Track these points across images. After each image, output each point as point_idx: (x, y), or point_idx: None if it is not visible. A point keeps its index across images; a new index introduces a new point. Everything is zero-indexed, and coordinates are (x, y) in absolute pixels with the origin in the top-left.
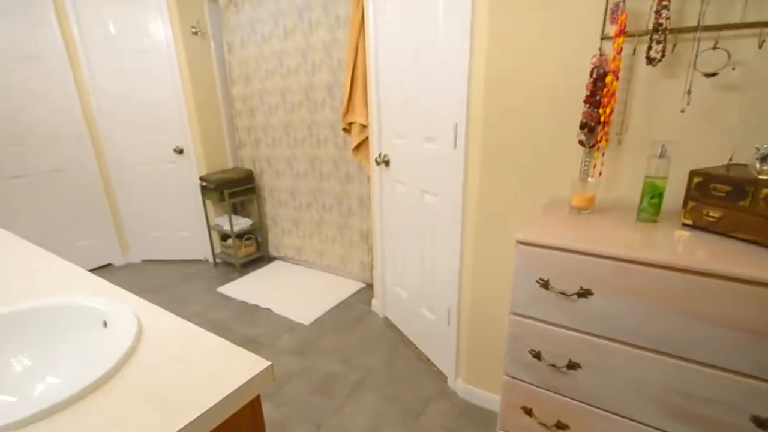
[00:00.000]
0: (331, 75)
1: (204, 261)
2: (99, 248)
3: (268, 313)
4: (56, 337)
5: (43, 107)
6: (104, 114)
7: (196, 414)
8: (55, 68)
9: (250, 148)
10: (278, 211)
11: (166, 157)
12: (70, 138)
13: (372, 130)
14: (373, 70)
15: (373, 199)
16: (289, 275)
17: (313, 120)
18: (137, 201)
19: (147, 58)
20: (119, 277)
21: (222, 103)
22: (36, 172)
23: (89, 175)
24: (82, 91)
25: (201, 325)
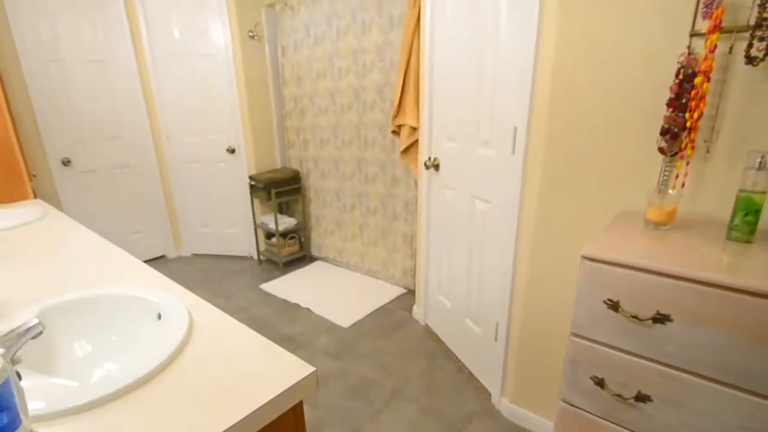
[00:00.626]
0: (381, 76)
1: (249, 258)
2: (155, 240)
3: (308, 313)
4: (114, 325)
5: (114, 107)
6: (165, 114)
7: (239, 416)
8: (125, 71)
9: (298, 148)
10: (322, 212)
11: (218, 156)
12: (135, 136)
13: (422, 132)
14: (427, 70)
15: (420, 204)
16: (329, 276)
17: (362, 122)
18: (190, 197)
19: (206, 61)
20: (172, 268)
21: (273, 104)
22: (105, 167)
23: (150, 171)
24: (147, 93)
25: (244, 320)
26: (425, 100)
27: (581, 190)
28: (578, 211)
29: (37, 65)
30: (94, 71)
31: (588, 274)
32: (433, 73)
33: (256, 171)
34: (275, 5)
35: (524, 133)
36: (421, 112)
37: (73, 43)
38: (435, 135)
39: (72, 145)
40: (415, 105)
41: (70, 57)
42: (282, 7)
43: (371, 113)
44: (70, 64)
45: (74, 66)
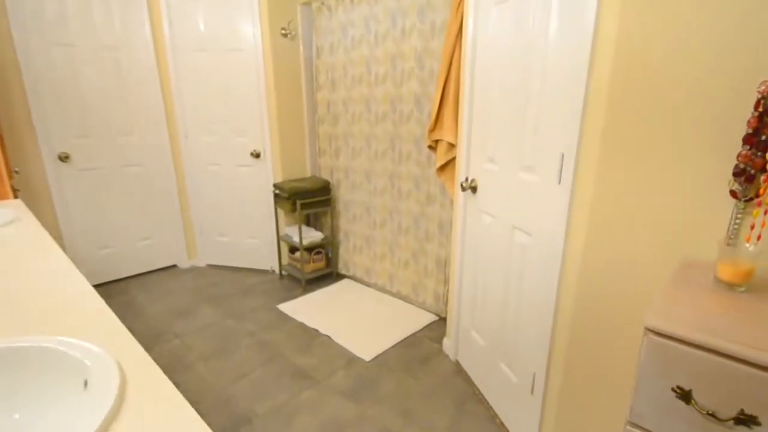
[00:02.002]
0: (420, 86)
1: (270, 272)
2: (165, 248)
3: (327, 341)
4: (22, 394)
5: (127, 100)
6: (185, 111)
7: None
8: (141, 61)
9: (329, 157)
10: (351, 227)
11: (241, 160)
12: (149, 133)
13: (460, 150)
14: (467, 83)
15: (455, 227)
16: (355, 298)
17: (397, 133)
18: (208, 203)
19: (233, 57)
20: (182, 281)
21: (306, 108)
22: (112, 165)
23: (164, 172)
24: (165, 86)
25: (252, 346)
26: (464, 115)
27: (636, 233)
28: (630, 255)
29: (36, 47)
30: (107, 59)
31: (652, 351)
32: (473, 85)
33: (282, 178)
34: (311, 3)
35: (572, 161)
36: (460, 128)
37: (84, 26)
38: (473, 154)
39: (72, 139)
40: (453, 119)
41: (80, 41)
42: (319, 6)
43: (407, 124)
44: (79, 48)
45: (84, 51)
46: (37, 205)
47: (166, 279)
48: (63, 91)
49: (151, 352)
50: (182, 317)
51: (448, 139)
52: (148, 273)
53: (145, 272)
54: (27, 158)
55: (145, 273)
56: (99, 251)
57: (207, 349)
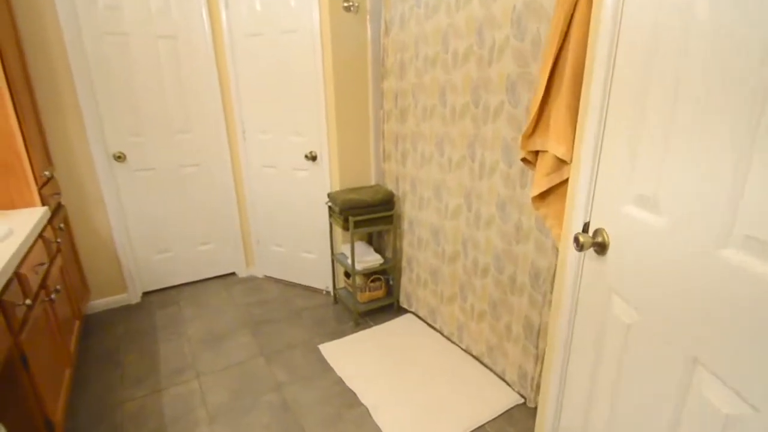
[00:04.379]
0: (517, 65)
1: (324, 293)
2: (224, 254)
3: (363, 417)
4: None
5: (184, 94)
6: (242, 105)
7: None
8: (199, 50)
9: (395, 162)
10: (416, 253)
11: (297, 163)
12: (208, 131)
13: (578, 174)
14: (602, 58)
15: (559, 292)
16: (416, 343)
17: (479, 135)
18: (263, 208)
19: (288, 40)
20: (233, 294)
21: (371, 100)
22: (170, 165)
23: (222, 173)
24: (223, 78)
25: (271, 407)
26: (591, 115)
27: None
28: None
29: (88, 37)
30: (164, 49)
31: None
32: (615, 63)
33: (340, 186)
34: None
35: None
36: (580, 136)
37: (139, 13)
38: (605, 184)
39: (128, 137)
40: (569, 120)
41: (134, 30)
42: None
43: (494, 123)
44: (133, 38)
45: (139, 42)
46: (85, 209)
47: (220, 290)
48: (116, 84)
49: (163, 394)
50: (214, 348)
51: (556, 152)
52: (205, 280)
53: (203, 279)
54: (75, 159)
55: (203, 280)
56: (156, 255)
57: (220, 403)
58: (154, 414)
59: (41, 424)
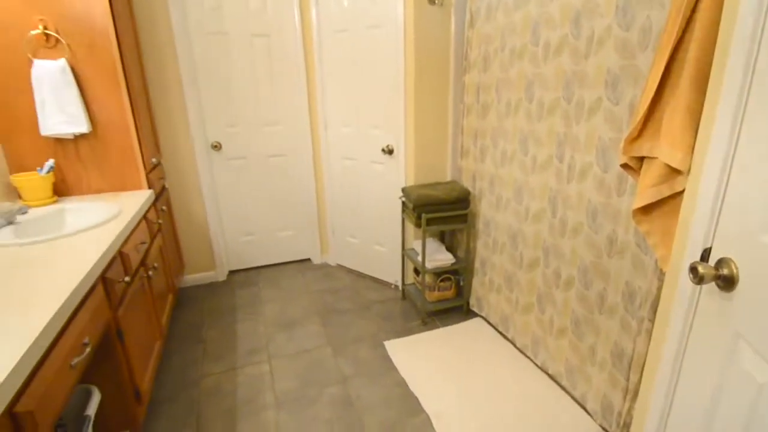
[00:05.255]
0: (620, 57)
1: (393, 287)
2: (302, 241)
3: (423, 426)
4: None
5: (274, 89)
6: (326, 99)
7: None
8: (289, 47)
9: (472, 159)
10: (490, 256)
11: (374, 156)
12: (294, 123)
13: (698, 187)
14: (739, 50)
15: (667, 334)
16: (484, 350)
17: (570, 134)
18: (341, 199)
19: (372, 36)
20: (307, 279)
21: (452, 94)
22: (258, 155)
23: (304, 164)
24: (310, 73)
25: (334, 401)
26: (723, 118)
27: None
28: None
29: (194, 36)
30: (258, 47)
31: None
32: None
33: (415, 181)
34: None
35: None
36: (705, 143)
37: (238, 13)
38: (739, 205)
39: (224, 128)
40: (688, 123)
41: (233, 29)
42: None
43: (589, 121)
44: (232, 37)
45: (238, 39)
46: (185, 193)
47: (296, 274)
48: (216, 80)
49: (237, 373)
50: (286, 332)
51: (669, 160)
52: (283, 264)
53: (281, 263)
54: (180, 149)
55: (281, 264)
56: (242, 238)
57: (287, 389)
58: (228, 393)
59: (131, 392)
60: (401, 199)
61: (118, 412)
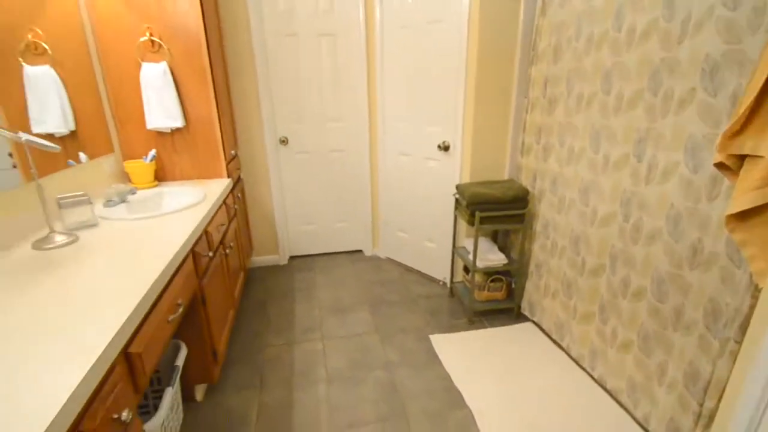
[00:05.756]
0: (723, 41)
1: (441, 284)
2: (355, 233)
3: (465, 420)
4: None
5: (337, 86)
6: (385, 96)
7: None
8: (353, 45)
9: (534, 157)
10: (547, 259)
11: (429, 152)
12: (354, 120)
13: None
14: None
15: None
16: (534, 357)
17: (653, 129)
18: (394, 194)
19: (434, 31)
20: (358, 270)
21: (516, 88)
22: (321, 149)
23: (361, 159)
24: (371, 70)
25: (381, 384)
26: None
27: None
28: None
29: (269, 38)
30: (324, 46)
31: None
32: None
33: (470, 178)
34: None
35: None
36: None
37: (308, 15)
38: None
39: (291, 124)
40: None
41: (302, 30)
42: None
43: (677, 115)
44: (302, 38)
45: (307, 40)
46: (256, 183)
47: (348, 264)
48: (287, 79)
49: (294, 348)
50: (338, 316)
51: None
52: (336, 253)
53: (335, 252)
54: (254, 143)
55: (335, 253)
56: (303, 227)
57: (338, 368)
58: (286, 363)
59: (210, 351)
60: (455, 196)
61: (198, 368)
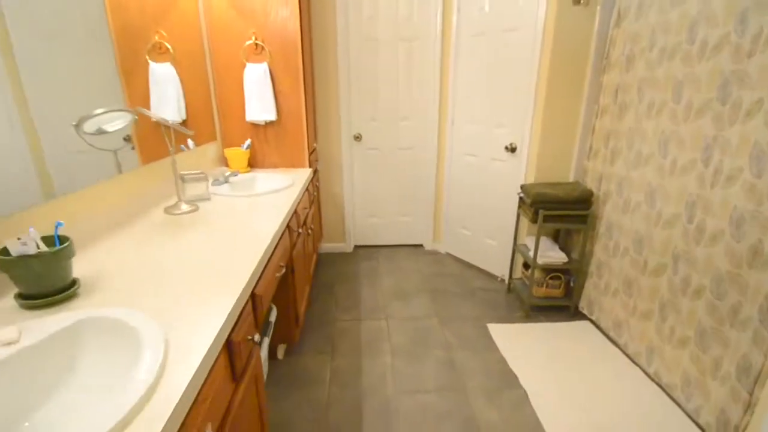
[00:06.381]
0: None
1: (499, 280)
2: (417, 227)
3: (521, 399)
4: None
5: (410, 88)
6: (456, 98)
7: None
8: (428, 50)
9: (601, 161)
10: (609, 260)
11: (496, 153)
12: (423, 119)
13: None
14: None
15: None
16: (590, 354)
17: (720, 137)
18: (457, 193)
19: (508, 39)
20: (419, 263)
21: (586, 95)
22: (390, 146)
23: (428, 157)
24: (444, 73)
25: (440, 361)
26: None
27: None
28: None
29: (353, 42)
30: (402, 50)
31: None
32: None
33: (535, 179)
34: None
35: None
36: None
37: (389, 21)
38: None
39: (365, 122)
40: None
41: (383, 35)
42: None
43: (745, 124)
44: (382, 43)
45: (386, 44)
46: (330, 175)
47: (409, 256)
48: (364, 79)
49: (361, 324)
50: (400, 300)
51: None
52: (398, 246)
53: (397, 245)
54: (331, 138)
55: (396, 245)
56: (368, 218)
57: (401, 344)
58: (354, 336)
59: (293, 316)
60: (519, 195)
61: (283, 329)
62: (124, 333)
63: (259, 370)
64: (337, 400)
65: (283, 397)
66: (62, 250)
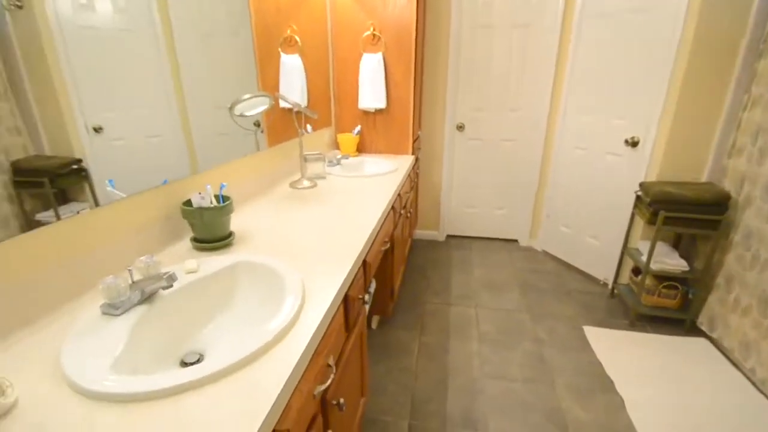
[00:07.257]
0: None
1: (601, 284)
2: (513, 222)
3: (614, 405)
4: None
5: (521, 77)
6: (571, 87)
7: None
8: (545, 36)
9: (745, 159)
10: (743, 272)
11: (612, 147)
12: (533, 110)
13: None
14: None
15: None
16: (708, 376)
17: None
18: (562, 188)
19: (637, 20)
20: (513, 257)
21: (733, 84)
22: (492, 137)
23: (533, 149)
24: (561, 61)
25: (530, 354)
26: None
27: None
28: None
29: (465, 30)
30: (516, 37)
31: None
32: None
33: (658, 177)
34: None
35: None
36: None
37: (505, 7)
38: None
39: (469, 112)
40: None
41: (498, 22)
42: None
43: None
44: (497, 29)
45: (500, 31)
46: (430, 164)
47: (502, 250)
48: (474, 68)
49: (450, 308)
50: (491, 290)
51: None
52: (492, 239)
53: (490, 238)
54: (434, 127)
55: (490, 238)
56: (464, 209)
57: (488, 331)
58: (443, 318)
59: (389, 289)
60: (636, 193)
61: (379, 301)
62: (271, 276)
63: (363, 328)
64: (424, 371)
65: (375, 362)
66: (226, 206)
